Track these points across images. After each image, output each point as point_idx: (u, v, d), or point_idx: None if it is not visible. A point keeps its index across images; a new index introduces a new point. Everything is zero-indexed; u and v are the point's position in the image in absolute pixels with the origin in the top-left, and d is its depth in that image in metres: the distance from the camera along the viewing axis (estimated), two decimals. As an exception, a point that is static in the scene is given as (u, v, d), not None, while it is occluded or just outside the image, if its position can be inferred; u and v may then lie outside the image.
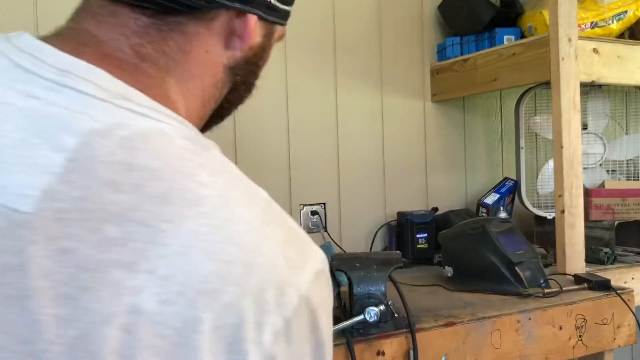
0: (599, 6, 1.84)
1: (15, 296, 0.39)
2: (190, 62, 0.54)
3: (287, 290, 0.43)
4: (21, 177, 0.41)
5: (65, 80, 0.46)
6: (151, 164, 0.43)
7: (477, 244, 1.50)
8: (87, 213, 0.41)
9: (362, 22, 2.08)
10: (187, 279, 0.40)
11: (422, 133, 2.20)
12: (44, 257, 0.40)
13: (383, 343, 1.14)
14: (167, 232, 0.41)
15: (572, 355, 1.38)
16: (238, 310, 0.41)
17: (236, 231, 0.43)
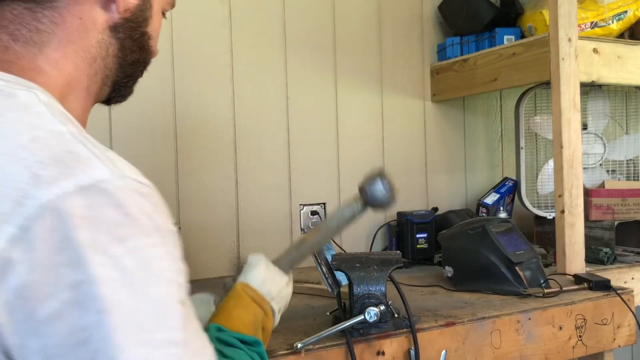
0: (599, 6, 1.84)
1: None
2: (65, 30, 0.63)
3: (25, 202, 0.48)
4: None
5: None
6: None
7: (477, 244, 1.50)
8: None
9: (362, 22, 2.08)
10: None
11: (422, 133, 2.20)
12: None
13: (383, 343, 1.14)
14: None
15: (572, 355, 1.38)
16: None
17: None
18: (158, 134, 1.74)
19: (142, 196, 0.54)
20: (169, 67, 1.76)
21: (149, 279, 0.52)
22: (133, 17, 0.68)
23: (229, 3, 1.85)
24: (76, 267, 0.49)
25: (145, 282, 0.52)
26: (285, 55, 1.93)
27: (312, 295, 1.48)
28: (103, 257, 0.49)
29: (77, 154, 0.52)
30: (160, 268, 0.53)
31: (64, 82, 0.64)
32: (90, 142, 0.55)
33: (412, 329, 1.15)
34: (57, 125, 0.54)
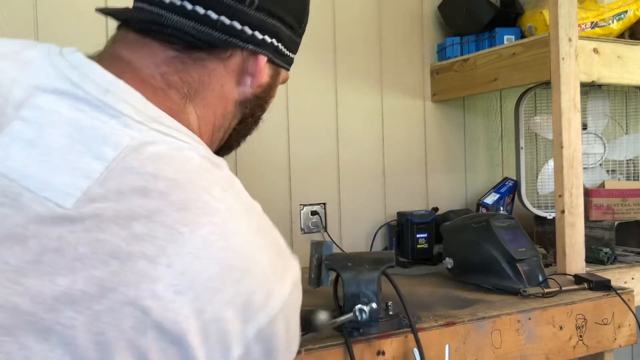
0: (599, 6, 1.84)
1: (48, 272, 0.46)
2: (208, 92, 0.62)
3: (273, 295, 0.52)
4: (66, 178, 0.49)
5: (106, 98, 0.53)
6: (174, 176, 0.51)
7: (480, 238, 1.50)
8: (120, 212, 0.48)
9: (362, 22, 2.08)
10: (197, 277, 0.48)
11: (422, 133, 2.20)
12: (80, 244, 0.47)
13: (383, 343, 1.14)
14: (185, 235, 0.49)
15: (572, 355, 1.38)
16: (232, 307, 0.49)
17: (238, 242, 0.52)
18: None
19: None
20: (169, 67, 1.76)
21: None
22: (262, 95, 0.69)
23: (229, 3, 1.85)
24: (288, 353, 0.55)
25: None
26: (285, 55, 1.93)
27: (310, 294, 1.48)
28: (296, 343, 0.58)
29: (280, 244, 0.57)
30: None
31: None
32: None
33: (413, 328, 1.15)
34: (256, 205, 0.59)
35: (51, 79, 0.54)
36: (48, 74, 0.54)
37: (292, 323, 0.54)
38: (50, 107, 0.51)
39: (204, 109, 0.63)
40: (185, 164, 0.53)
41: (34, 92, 0.52)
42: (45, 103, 0.51)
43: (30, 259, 0.46)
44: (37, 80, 0.53)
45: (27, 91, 0.52)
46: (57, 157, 0.49)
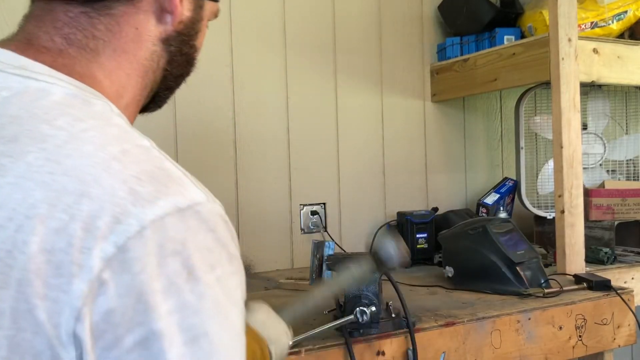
0: (599, 6, 1.84)
1: None
2: (120, 40, 0.61)
3: (125, 219, 0.45)
4: None
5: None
6: (17, 113, 0.50)
7: (477, 244, 1.50)
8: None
9: (362, 22, 2.08)
10: (17, 206, 0.45)
11: (422, 133, 2.20)
12: None
13: (383, 343, 1.14)
14: (6, 166, 0.47)
15: (572, 355, 1.38)
16: (66, 235, 0.45)
17: (75, 165, 0.47)
18: (158, 134, 1.74)
19: (225, 222, 0.52)
20: (169, 67, 1.76)
21: (230, 309, 0.51)
22: (186, 30, 0.66)
23: (229, 3, 1.85)
24: (169, 295, 0.46)
25: (228, 312, 0.50)
26: (285, 55, 1.93)
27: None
28: (195, 284, 0.48)
29: (168, 171, 0.51)
30: (236, 298, 0.52)
31: (115, 94, 0.61)
32: (171, 159, 0.54)
33: (410, 328, 1.15)
34: (141, 139, 0.53)
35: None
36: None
37: (172, 256, 0.47)
38: None
39: (119, 57, 0.61)
40: (37, 101, 0.51)
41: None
42: None
43: None
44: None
45: None
46: None
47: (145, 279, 0.45)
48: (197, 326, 0.47)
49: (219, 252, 0.50)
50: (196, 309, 0.47)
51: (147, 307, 0.45)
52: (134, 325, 0.45)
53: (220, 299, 0.49)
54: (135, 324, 0.45)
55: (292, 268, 1.93)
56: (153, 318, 0.45)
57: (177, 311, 0.46)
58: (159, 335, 0.46)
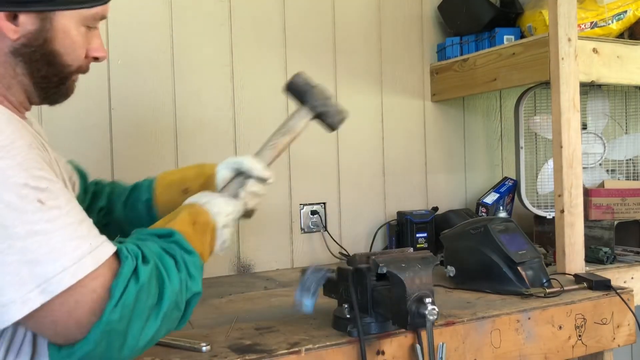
0: (598, 6, 1.84)
1: None
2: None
3: None
4: None
5: None
6: None
7: (479, 244, 1.50)
8: None
9: (362, 22, 2.08)
10: None
11: (422, 133, 2.20)
12: None
13: (383, 343, 1.14)
14: None
15: (571, 354, 1.39)
16: None
17: None
18: (159, 133, 1.74)
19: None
20: (169, 67, 1.76)
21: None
22: (31, 41, 0.79)
23: (229, 3, 1.85)
24: None
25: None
26: (285, 55, 1.93)
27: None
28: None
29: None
30: (8, 177, 0.66)
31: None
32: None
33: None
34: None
35: None
36: None
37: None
38: None
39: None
40: None
41: None
42: None
43: None
44: None
45: None
46: None
47: None
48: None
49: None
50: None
51: None
52: None
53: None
54: None
55: (292, 268, 1.93)
56: None
57: None
58: None
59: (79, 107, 1.65)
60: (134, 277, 0.71)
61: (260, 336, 1.14)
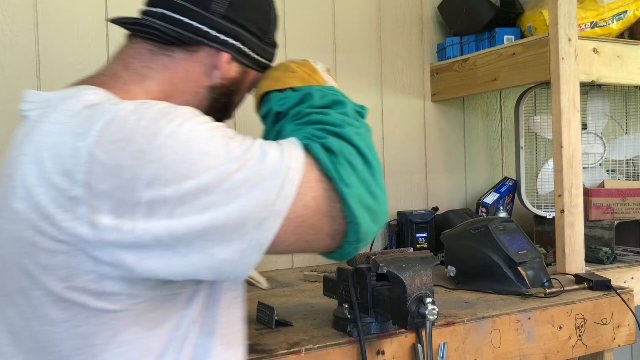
0: (598, 6, 1.84)
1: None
2: (171, 75, 0.82)
3: (76, 152, 0.64)
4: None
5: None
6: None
7: (479, 244, 1.50)
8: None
9: (362, 22, 2.08)
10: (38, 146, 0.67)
11: (422, 133, 2.20)
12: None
13: (383, 343, 1.14)
14: (25, 158, 0.67)
15: (571, 354, 1.39)
16: (55, 175, 0.64)
17: (39, 132, 0.68)
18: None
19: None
20: (169, 67, 1.76)
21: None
22: (228, 85, 0.86)
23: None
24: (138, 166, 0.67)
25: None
26: (285, 56, 1.93)
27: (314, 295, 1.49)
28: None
29: (91, 109, 0.70)
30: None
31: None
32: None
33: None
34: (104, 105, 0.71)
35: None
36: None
37: (116, 141, 0.64)
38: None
39: (165, 85, 0.81)
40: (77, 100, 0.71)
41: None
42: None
43: None
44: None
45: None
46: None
47: (122, 162, 0.65)
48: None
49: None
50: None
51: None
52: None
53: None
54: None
55: (292, 267, 1.93)
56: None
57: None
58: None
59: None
60: (329, 153, 0.72)
61: (260, 336, 1.14)
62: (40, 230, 0.64)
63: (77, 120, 0.66)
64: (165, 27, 0.80)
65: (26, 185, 0.65)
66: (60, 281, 0.64)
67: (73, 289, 0.64)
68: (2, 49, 1.57)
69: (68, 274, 0.64)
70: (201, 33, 0.81)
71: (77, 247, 0.63)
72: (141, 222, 0.62)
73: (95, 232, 0.62)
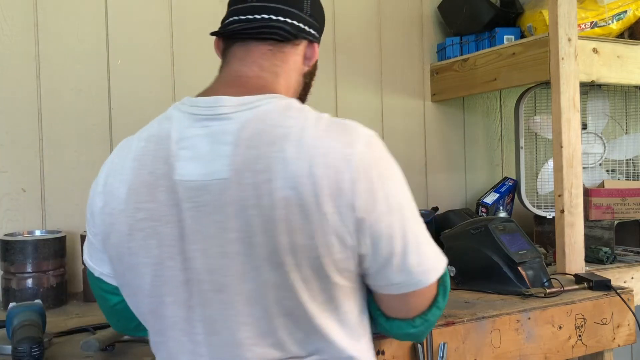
0: (598, 6, 1.84)
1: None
2: (287, 68, 0.96)
3: (348, 157, 0.77)
4: (216, 165, 0.79)
5: (212, 111, 0.84)
6: (260, 128, 0.81)
7: (479, 244, 1.50)
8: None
9: (362, 22, 2.08)
10: (293, 175, 0.76)
11: (422, 133, 2.20)
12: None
13: (383, 343, 1.14)
14: (281, 157, 0.78)
15: (571, 354, 1.39)
16: (338, 176, 0.77)
17: (309, 142, 0.78)
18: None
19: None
20: (169, 67, 1.76)
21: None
22: (312, 70, 1.06)
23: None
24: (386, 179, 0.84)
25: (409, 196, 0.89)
26: (285, 55, 1.93)
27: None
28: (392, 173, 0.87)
29: (344, 125, 0.82)
30: (401, 178, 0.89)
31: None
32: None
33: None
34: (322, 114, 0.85)
35: (185, 122, 0.85)
36: (181, 120, 0.85)
37: (379, 163, 0.83)
38: (192, 136, 0.83)
39: (287, 78, 0.96)
40: (269, 115, 0.82)
41: (182, 132, 0.83)
42: (190, 135, 0.83)
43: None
44: (179, 125, 0.85)
45: (178, 133, 0.83)
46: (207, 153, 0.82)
47: (375, 181, 0.80)
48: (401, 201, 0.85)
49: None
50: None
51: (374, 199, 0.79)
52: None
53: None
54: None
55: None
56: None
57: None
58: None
59: (79, 107, 1.66)
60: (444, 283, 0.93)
61: (260, 336, 1.13)
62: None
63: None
64: (287, 29, 0.94)
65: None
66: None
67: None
68: (2, 49, 1.57)
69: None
70: (301, 30, 0.97)
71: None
72: None
73: None
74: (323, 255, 0.76)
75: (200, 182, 0.79)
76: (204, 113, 0.83)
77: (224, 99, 0.84)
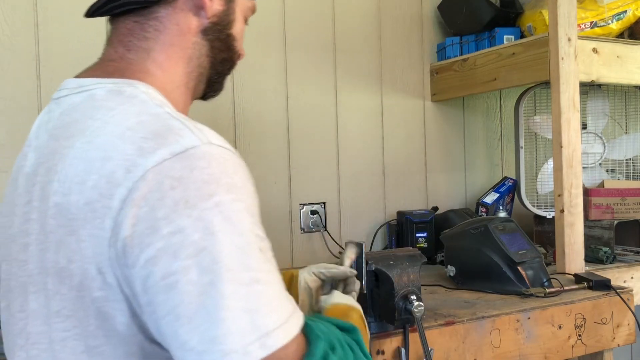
0: (598, 6, 1.84)
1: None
2: (167, 35, 0.77)
3: (133, 169, 0.60)
4: (31, 156, 0.74)
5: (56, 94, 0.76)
6: (75, 117, 0.70)
7: (479, 244, 1.50)
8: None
9: (362, 22, 2.08)
10: (70, 178, 0.64)
11: (422, 133, 2.20)
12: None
13: (383, 342, 1.14)
14: (66, 152, 0.67)
15: (571, 354, 1.39)
16: (97, 189, 0.62)
17: (100, 142, 0.65)
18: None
19: (223, 159, 0.63)
20: (169, 67, 1.76)
21: (231, 229, 0.61)
22: (219, 21, 0.81)
23: (229, 3, 1.85)
24: (169, 220, 0.59)
25: (228, 231, 0.60)
26: (285, 55, 1.93)
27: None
28: (192, 210, 0.59)
29: (171, 127, 0.64)
30: (239, 220, 0.62)
31: (168, 80, 0.77)
32: (184, 118, 0.66)
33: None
34: (155, 108, 0.67)
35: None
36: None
37: (177, 186, 0.60)
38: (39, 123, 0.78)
39: (167, 50, 0.77)
40: (85, 104, 0.71)
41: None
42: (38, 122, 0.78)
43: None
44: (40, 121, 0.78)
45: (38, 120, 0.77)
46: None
47: (149, 210, 0.59)
48: (197, 243, 0.58)
49: (215, 184, 0.61)
50: (194, 230, 0.59)
51: (152, 231, 0.58)
52: (144, 246, 0.59)
53: (217, 222, 0.60)
54: (145, 245, 0.59)
55: (292, 267, 1.93)
56: (157, 239, 0.58)
57: (177, 232, 0.58)
58: (163, 252, 0.58)
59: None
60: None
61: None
62: None
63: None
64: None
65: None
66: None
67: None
68: (2, 49, 1.57)
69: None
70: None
71: None
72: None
73: None
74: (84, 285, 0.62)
75: (29, 174, 0.72)
76: (54, 97, 0.77)
77: (68, 81, 0.75)
